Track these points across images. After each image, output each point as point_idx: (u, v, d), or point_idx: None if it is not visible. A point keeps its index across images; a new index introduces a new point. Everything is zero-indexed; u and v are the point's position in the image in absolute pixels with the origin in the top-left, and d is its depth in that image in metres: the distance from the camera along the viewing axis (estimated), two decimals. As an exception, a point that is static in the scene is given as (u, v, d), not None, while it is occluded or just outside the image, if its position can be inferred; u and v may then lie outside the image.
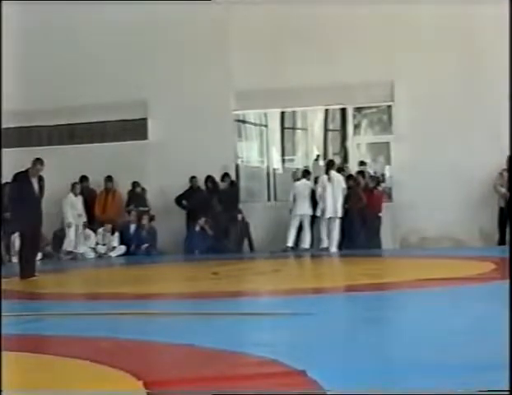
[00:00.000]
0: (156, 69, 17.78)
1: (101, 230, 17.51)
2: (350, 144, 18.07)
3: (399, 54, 16.63)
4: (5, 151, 15.55)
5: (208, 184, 17.44)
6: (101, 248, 17.47)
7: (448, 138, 16.41)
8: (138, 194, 17.82)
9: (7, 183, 13.64)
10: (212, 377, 4.71)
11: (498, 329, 5.73)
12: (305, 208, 16.70)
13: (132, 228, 17.62)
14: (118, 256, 17.34)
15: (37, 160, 12.20)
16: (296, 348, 5.69)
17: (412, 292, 9.17)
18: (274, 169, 18.67)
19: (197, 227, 17.08)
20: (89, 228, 17.51)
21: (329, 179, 16.49)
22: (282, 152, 19.41)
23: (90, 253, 17.33)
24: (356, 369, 4.80)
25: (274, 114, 18.82)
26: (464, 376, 4.49)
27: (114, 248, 17.49)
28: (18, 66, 17.53)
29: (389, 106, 17.41)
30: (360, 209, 16.49)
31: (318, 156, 19.03)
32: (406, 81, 16.67)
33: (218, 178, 17.49)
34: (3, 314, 7.05)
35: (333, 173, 16.61)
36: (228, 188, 17.47)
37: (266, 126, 18.99)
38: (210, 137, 17.45)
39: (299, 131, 20.10)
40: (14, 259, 15.09)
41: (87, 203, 17.48)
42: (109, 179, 17.87)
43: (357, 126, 18.14)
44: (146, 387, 4.45)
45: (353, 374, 4.65)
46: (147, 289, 10.85)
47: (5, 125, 16.41)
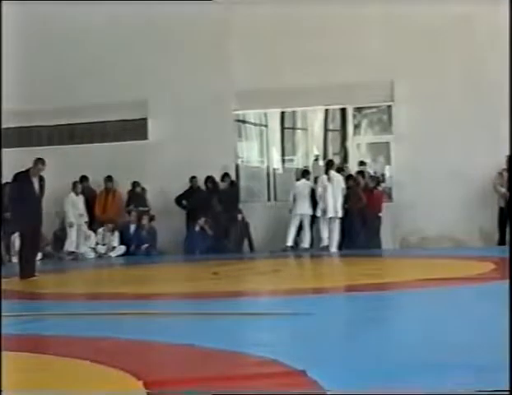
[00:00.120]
0: (156, 69, 17.78)
1: (101, 230, 17.52)
2: (350, 144, 18.07)
3: (399, 54, 16.64)
4: (5, 151, 15.55)
5: (208, 184, 17.44)
6: (101, 248, 17.46)
7: (448, 138, 16.41)
8: (138, 194, 17.82)
9: (8, 183, 13.63)
10: (212, 377, 4.71)
11: (498, 329, 5.73)
12: (305, 208, 16.70)
13: (132, 228, 17.62)
14: (118, 256, 17.34)
15: (38, 160, 12.18)
16: (296, 348, 5.70)
17: (412, 292, 9.17)
18: (274, 169, 18.67)
19: (197, 227, 17.08)
20: (89, 228, 17.51)
21: (329, 179, 16.50)
22: (282, 152, 19.39)
23: (90, 253, 17.33)
24: (356, 369, 4.80)
25: (274, 114, 18.81)
26: (464, 376, 4.49)
27: (114, 248, 17.49)
28: (18, 66, 17.54)
29: (389, 106, 17.41)
30: (360, 209, 16.49)
31: (317, 156, 19.03)
32: (406, 81, 16.67)
33: (218, 178, 17.50)
34: (3, 314, 7.05)
35: (333, 173, 16.62)
36: (228, 188, 17.46)
37: (266, 126, 18.99)
38: (210, 137, 17.45)
39: (299, 131, 20.09)
40: (14, 259, 15.09)
41: (87, 203, 17.47)
42: (109, 179, 17.87)
43: (357, 126, 18.13)
44: (146, 387, 4.44)
45: (353, 374, 4.65)
46: (147, 289, 10.85)
47: (5, 125, 16.43)
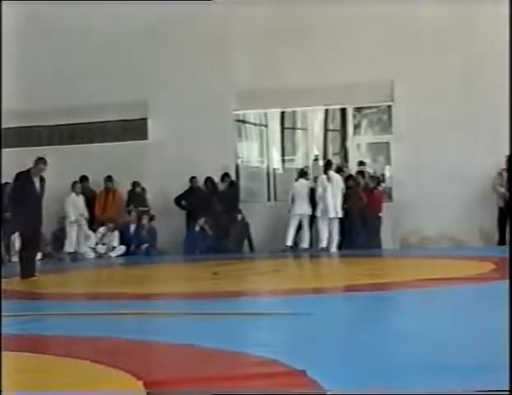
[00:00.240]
0: (156, 69, 17.78)
1: (101, 230, 17.51)
2: (350, 144, 18.07)
3: (399, 54, 16.65)
4: (5, 151, 15.57)
5: (208, 184, 17.43)
6: (101, 248, 17.46)
7: (448, 138, 16.42)
8: (138, 194, 17.81)
9: (8, 183, 13.62)
10: (212, 377, 4.71)
11: (498, 329, 5.73)
12: (304, 208, 16.70)
13: (132, 228, 17.62)
14: (117, 256, 17.34)
15: (40, 160, 12.08)
16: (296, 348, 5.69)
17: (412, 292, 9.17)
18: (274, 169, 18.67)
19: (197, 227, 17.08)
20: (89, 228, 17.50)
21: (328, 179, 16.49)
22: (282, 152, 19.39)
23: (90, 253, 17.32)
24: (356, 369, 4.80)
25: (274, 114, 18.81)
26: (464, 376, 4.49)
27: (114, 248, 17.48)
28: (18, 66, 17.54)
29: (389, 106, 17.41)
30: (360, 209, 16.49)
31: (317, 156, 19.02)
32: (406, 81, 16.67)
33: (218, 178, 17.49)
34: (3, 314, 7.04)
35: (332, 173, 16.62)
36: (228, 188, 17.46)
37: (266, 126, 18.99)
38: (210, 137, 17.45)
39: (299, 131, 20.08)
40: (14, 259, 15.08)
41: (87, 203, 17.47)
42: (109, 179, 17.87)
43: (357, 126, 18.13)
44: (146, 387, 4.44)
45: (353, 374, 4.65)
46: (147, 289, 10.84)
47: (5, 125, 16.42)
